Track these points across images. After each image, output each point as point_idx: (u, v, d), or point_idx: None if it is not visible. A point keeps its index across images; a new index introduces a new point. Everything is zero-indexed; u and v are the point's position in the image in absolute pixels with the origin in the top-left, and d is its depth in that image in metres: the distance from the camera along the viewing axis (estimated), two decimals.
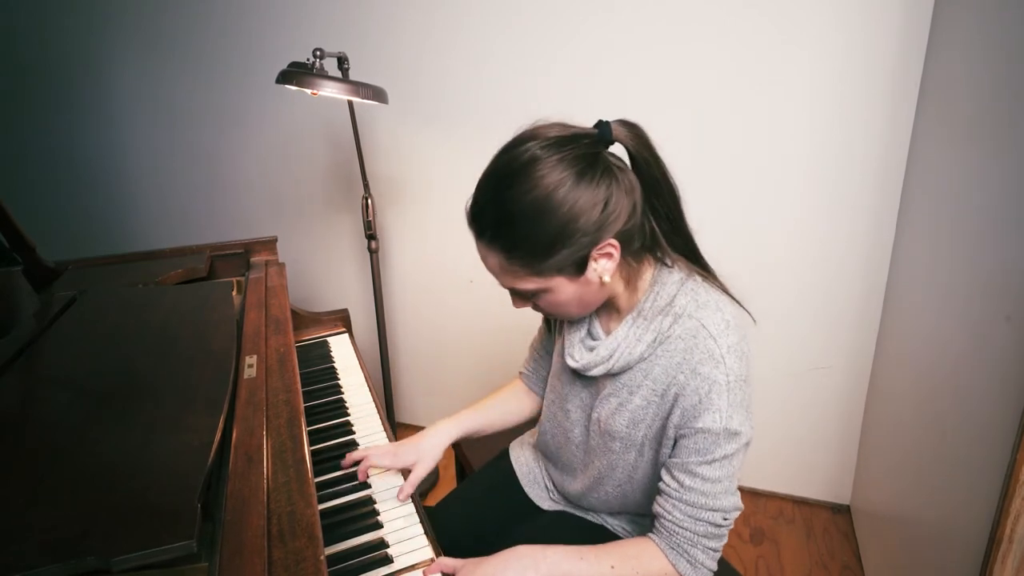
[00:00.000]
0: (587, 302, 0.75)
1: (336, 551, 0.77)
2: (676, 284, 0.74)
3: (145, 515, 0.52)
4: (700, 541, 0.72)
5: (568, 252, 0.67)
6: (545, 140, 0.67)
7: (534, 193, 0.65)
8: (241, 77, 2.05)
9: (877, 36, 1.36)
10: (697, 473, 0.71)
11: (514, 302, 0.78)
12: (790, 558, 1.59)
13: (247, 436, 0.73)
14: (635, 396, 0.77)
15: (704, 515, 0.72)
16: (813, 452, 1.75)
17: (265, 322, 1.08)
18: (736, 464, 0.72)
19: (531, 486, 1.03)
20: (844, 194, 1.50)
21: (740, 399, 0.71)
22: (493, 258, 0.71)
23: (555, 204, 0.65)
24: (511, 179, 0.67)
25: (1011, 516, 0.80)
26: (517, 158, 0.67)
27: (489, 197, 0.70)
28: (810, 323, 1.62)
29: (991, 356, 0.90)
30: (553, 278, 0.70)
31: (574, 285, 0.71)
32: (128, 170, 2.38)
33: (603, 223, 0.66)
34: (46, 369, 0.84)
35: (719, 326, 0.71)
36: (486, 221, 0.70)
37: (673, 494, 0.73)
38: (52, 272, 1.22)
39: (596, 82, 1.62)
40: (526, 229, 0.66)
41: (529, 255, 0.68)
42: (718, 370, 0.69)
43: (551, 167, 0.65)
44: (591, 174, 0.66)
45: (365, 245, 1.97)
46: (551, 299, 0.73)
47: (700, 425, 0.70)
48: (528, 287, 0.71)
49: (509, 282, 0.73)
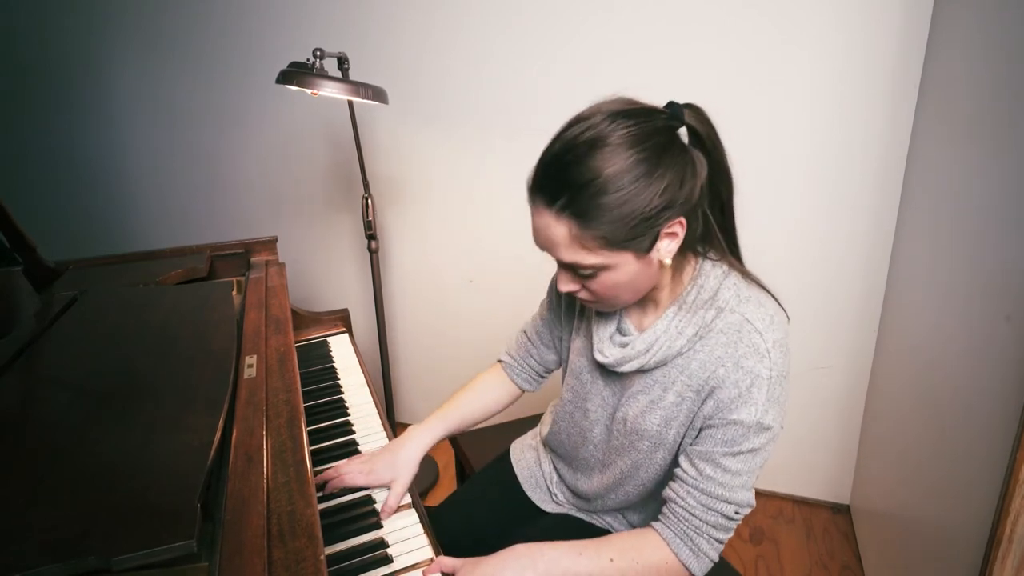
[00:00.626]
0: (638, 287, 0.72)
1: (336, 551, 0.77)
2: (719, 278, 0.74)
3: (145, 515, 0.52)
4: (708, 531, 0.72)
5: (644, 227, 0.64)
6: (625, 112, 0.65)
7: (614, 166, 0.62)
8: (241, 77, 2.05)
9: (877, 36, 1.36)
10: (720, 464, 0.70)
11: (562, 282, 0.72)
12: (790, 558, 1.59)
13: (247, 436, 0.73)
14: (669, 393, 0.76)
15: (718, 506, 0.71)
16: (813, 452, 1.75)
17: (265, 322, 1.08)
18: (760, 460, 0.71)
19: (533, 489, 1.02)
20: (844, 194, 1.50)
21: (779, 395, 0.70)
22: (561, 228, 0.65)
23: (636, 177, 0.62)
24: (588, 149, 0.63)
25: (1011, 516, 0.80)
26: (593, 128, 0.64)
27: (564, 166, 0.65)
28: (810, 323, 1.62)
29: (991, 356, 0.90)
30: (622, 254, 0.66)
31: (638, 264, 0.68)
32: (128, 170, 2.38)
33: (677, 200, 0.65)
34: (46, 369, 0.84)
35: (764, 321, 0.71)
36: (562, 188, 0.64)
37: (690, 481, 0.72)
38: (52, 272, 1.22)
39: (596, 82, 1.62)
40: (604, 199, 0.63)
41: (605, 225, 0.64)
42: (762, 364, 0.69)
43: (630, 140, 0.63)
44: (671, 151, 0.65)
45: (365, 245, 1.97)
46: (608, 279, 0.69)
47: (734, 417, 0.70)
48: (593, 262, 0.67)
49: (573, 256, 0.67)
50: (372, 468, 0.88)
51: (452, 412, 0.98)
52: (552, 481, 1.00)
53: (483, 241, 1.91)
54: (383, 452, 0.91)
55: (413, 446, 0.92)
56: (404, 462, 0.89)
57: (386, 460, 0.89)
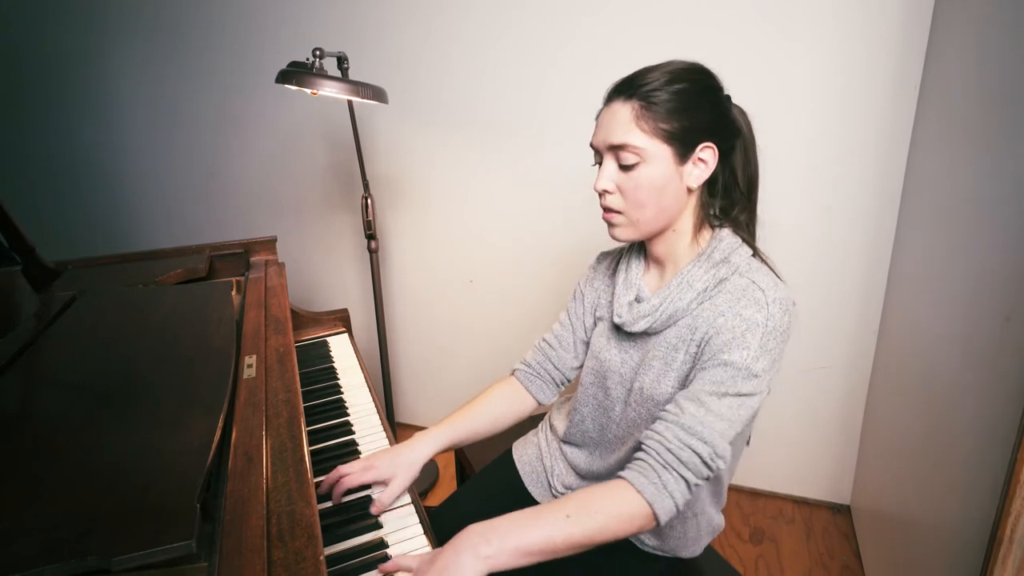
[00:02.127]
0: (663, 205, 0.79)
1: (336, 551, 0.77)
2: (732, 245, 0.80)
3: (145, 515, 0.52)
4: (677, 467, 0.70)
5: (690, 127, 0.75)
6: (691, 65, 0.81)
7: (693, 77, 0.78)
8: (241, 77, 2.05)
9: (877, 36, 1.36)
10: (704, 403, 0.72)
11: (602, 176, 0.80)
12: (790, 558, 1.59)
13: (246, 436, 0.73)
14: (679, 352, 0.79)
15: (693, 443, 0.70)
16: (813, 452, 1.75)
17: (265, 322, 1.08)
18: (744, 412, 0.73)
19: (534, 484, 1.03)
20: (844, 193, 1.50)
21: (772, 347, 0.73)
22: (626, 109, 0.76)
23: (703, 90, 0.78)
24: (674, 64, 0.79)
25: (1011, 516, 0.79)
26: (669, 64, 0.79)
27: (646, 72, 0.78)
28: (810, 323, 1.62)
29: (991, 356, 0.90)
30: (665, 146, 0.76)
31: (670, 169, 0.77)
32: (127, 170, 2.38)
33: (718, 128, 0.78)
34: (46, 369, 0.84)
35: (768, 282, 0.76)
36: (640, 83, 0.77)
37: (670, 418, 0.73)
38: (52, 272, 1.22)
39: (596, 82, 1.61)
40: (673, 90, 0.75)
41: (664, 111, 0.75)
42: (760, 313, 0.73)
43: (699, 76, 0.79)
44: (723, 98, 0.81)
45: (365, 245, 1.97)
46: (643, 174, 0.76)
47: (725, 357, 0.72)
48: (640, 143, 0.75)
49: (625, 135, 0.76)
50: (371, 464, 0.87)
51: (460, 422, 0.96)
52: (552, 474, 1.01)
53: (483, 241, 1.90)
54: (385, 451, 0.91)
55: (416, 451, 0.90)
56: (405, 464, 0.88)
57: (387, 458, 0.89)
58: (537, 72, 1.67)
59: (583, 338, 0.98)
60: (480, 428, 0.97)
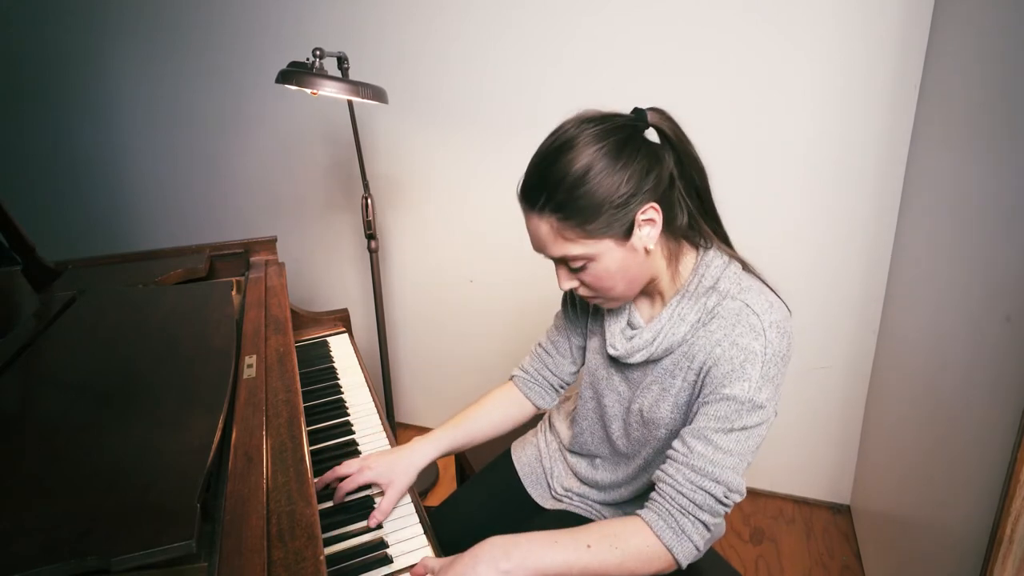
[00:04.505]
0: (632, 276, 0.76)
1: (336, 551, 0.77)
2: (720, 268, 0.77)
3: (145, 515, 0.52)
4: (694, 511, 0.70)
5: (615, 213, 0.70)
6: (588, 117, 0.74)
7: (583, 159, 0.69)
8: (241, 77, 2.05)
9: (877, 37, 1.36)
10: (711, 440, 0.70)
11: (561, 279, 0.78)
12: (790, 558, 1.59)
13: (247, 436, 0.73)
14: (676, 379, 0.78)
15: (706, 484, 0.69)
16: (813, 452, 1.74)
17: (265, 322, 1.08)
18: (753, 442, 0.71)
19: (533, 486, 1.03)
20: (845, 194, 1.50)
21: (773, 374, 0.71)
22: (545, 225, 0.73)
23: (603, 167, 0.69)
24: (560, 149, 0.71)
25: (1011, 516, 0.79)
26: (565, 133, 0.73)
27: (542, 167, 0.73)
28: (810, 323, 1.62)
29: (991, 356, 0.90)
30: (602, 240, 0.72)
31: (621, 251, 0.73)
32: (128, 170, 2.38)
33: (645, 188, 0.71)
34: (46, 369, 0.84)
35: (763, 305, 0.73)
36: (540, 189, 0.72)
37: (679, 459, 0.71)
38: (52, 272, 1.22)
39: (596, 82, 1.62)
40: (577, 191, 0.69)
41: (580, 215, 0.70)
42: (757, 341, 0.71)
43: (593, 138, 0.71)
44: (632, 144, 0.71)
45: (365, 245, 1.97)
46: (597, 269, 0.74)
47: (727, 392, 0.70)
48: (577, 252, 0.72)
49: (560, 249, 0.73)
50: (368, 464, 0.87)
51: (459, 428, 0.96)
52: (552, 476, 1.01)
53: (483, 241, 1.90)
54: (382, 453, 0.90)
55: (415, 455, 0.90)
56: (403, 468, 0.87)
57: (384, 461, 0.87)
58: (537, 72, 1.67)
59: (579, 344, 0.97)
60: (479, 434, 0.97)
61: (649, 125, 0.75)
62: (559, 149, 0.71)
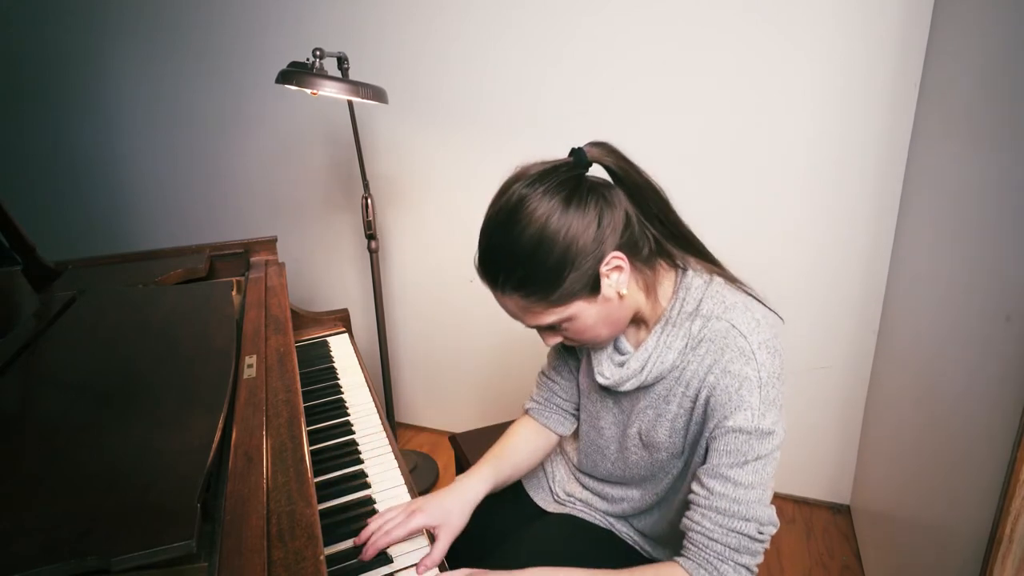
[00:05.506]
0: (614, 320, 0.74)
1: (336, 551, 0.77)
2: (700, 288, 0.75)
3: (145, 515, 0.52)
4: (732, 556, 0.68)
5: (577, 275, 0.68)
6: (528, 178, 0.70)
7: (530, 229, 0.67)
8: (241, 77, 2.05)
9: (877, 36, 1.36)
10: (729, 477, 0.68)
11: (544, 339, 0.77)
12: (790, 558, 1.59)
13: (247, 436, 0.73)
14: (671, 404, 0.76)
15: (737, 525, 0.67)
16: (813, 452, 1.74)
17: (265, 322, 1.08)
18: (770, 469, 0.69)
19: (535, 490, 1.02)
20: (845, 193, 1.50)
21: (773, 397, 0.69)
22: (510, 302, 0.71)
23: (552, 233, 0.66)
24: (506, 223, 0.68)
25: (1011, 516, 0.79)
26: (507, 202, 0.69)
27: (491, 245, 0.71)
28: (810, 323, 1.62)
29: (991, 356, 0.90)
30: (571, 304, 0.70)
31: (595, 306, 0.71)
32: (127, 170, 2.38)
33: (601, 239, 0.68)
34: (46, 369, 0.84)
35: (749, 324, 0.71)
36: (495, 268, 0.70)
37: (702, 503, 0.69)
38: (52, 272, 1.22)
39: (596, 82, 1.62)
40: (532, 264, 0.67)
41: (541, 288, 0.68)
42: (749, 366, 0.69)
43: (539, 200, 0.67)
44: (577, 197, 0.68)
45: (365, 245, 1.97)
46: (577, 326, 0.72)
47: (731, 424, 0.68)
48: (551, 320, 0.71)
49: (532, 320, 0.72)
50: (418, 507, 0.79)
51: (503, 461, 0.92)
52: (554, 480, 1.00)
53: None
54: (431, 496, 0.83)
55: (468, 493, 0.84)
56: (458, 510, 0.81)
57: (436, 502, 0.81)
58: (537, 72, 1.67)
59: (578, 365, 0.94)
60: (522, 465, 0.95)
61: (590, 164, 0.72)
62: (506, 221, 0.68)
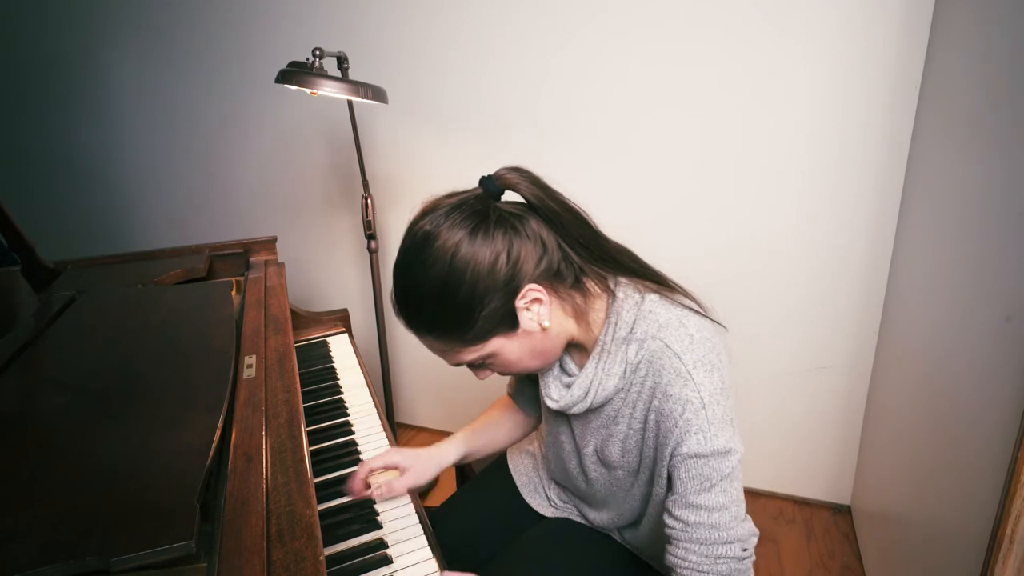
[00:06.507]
0: (541, 351, 0.72)
1: (336, 551, 0.77)
2: (632, 311, 0.71)
3: (144, 515, 0.52)
4: None
5: (489, 312, 0.66)
6: (434, 214, 0.68)
7: (435, 268, 0.64)
8: (240, 76, 2.05)
9: (878, 35, 1.36)
10: (699, 505, 0.66)
11: (476, 374, 0.76)
12: (790, 558, 1.58)
13: (246, 436, 0.73)
14: (620, 425, 0.75)
15: (721, 551, 0.66)
16: (813, 452, 1.74)
17: (264, 322, 1.08)
18: (737, 485, 0.68)
19: (531, 495, 1.02)
20: (845, 193, 1.49)
21: (720, 414, 0.66)
22: (428, 341, 0.70)
23: (457, 271, 0.64)
24: (413, 263, 0.67)
25: (1012, 516, 0.79)
26: (414, 240, 0.68)
27: (401, 286, 0.69)
28: (811, 322, 1.62)
29: (992, 356, 0.90)
30: (489, 342, 0.68)
31: (515, 340, 0.69)
32: (127, 170, 2.38)
33: (513, 273, 0.65)
34: (45, 369, 0.83)
35: (683, 342, 0.68)
36: (407, 310, 0.69)
37: (681, 535, 0.68)
38: (51, 272, 1.22)
39: (597, 82, 1.62)
40: (439, 305, 0.66)
41: (453, 329, 0.67)
42: (688, 388, 0.66)
43: (444, 236, 0.65)
44: (484, 229, 0.65)
45: (365, 245, 1.97)
46: (502, 360, 0.71)
47: (686, 451, 0.66)
48: (471, 358, 0.70)
49: (454, 359, 0.71)
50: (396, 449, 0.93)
51: (478, 432, 1.00)
52: (549, 487, 1.00)
53: None
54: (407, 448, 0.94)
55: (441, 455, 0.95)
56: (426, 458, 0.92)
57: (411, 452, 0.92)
58: (538, 71, 1.67)
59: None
60: (497, 439, 1.02)
61: (500, 192, 0.69)
62: (413, 262, 0.67)
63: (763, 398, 1.71)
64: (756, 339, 1.67)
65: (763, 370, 1.69)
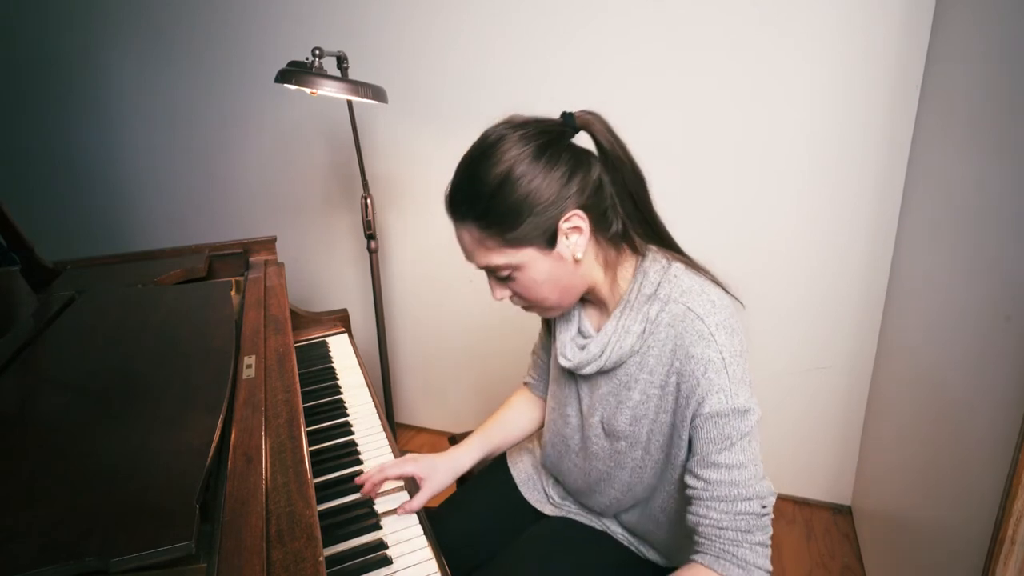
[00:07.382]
0: (564, 285, 0.74)
1: (335, 552, 0.76)
2: (659, 272, 0.75)
3: (144, 516, 0.52)
4: (745, 538, 0.68)
5: (535, 221, 0.69)
6: (511, 124, 0.72)
7: (499, 167, 0.68)
8: (240, 76, 2.05)
9: (878, 37, 1.36)
10: (720, 463, 0.69)
11: (493, 289, 0.77)
12: (791, 558, 1.58)
13: (246, 436, 0.73)
14: (633, 391, 0.76)
15: (742, 507, 0.68)
16: (814, 452, 1.74)
17: (264, 322, 1.08)
18: (756, 444, 0.70)
19: (530, 492, 1.02)
20: (846, 194, 1.49)
21: (740, 375, 0.69)
22: (467, 233, 0.72)
23: (519, 174, 0.68)
24: (479, 158, 0.70)
25: (1013, 517, 0.79)
26: (485, 140, 0.72)
27: (461, 177, 0.72)
28: (811, 323, 1.62)
29: (992, 356, 0.90)
30: (524, 249, 0.70)
31: (547, 261, 0.71)
32: (127, 170, 2.38)
33: (566, 194, 0.69)
34: (44, 369, 0.83)
35: (705, 306, 0.71)
36: (459, 199, 0.72)
37: (703, 494, 0.70)
38: (50, 272, 1.22)
39: (596, 82, 1.62)
40: (494, 201, 0.68)
41: (498, 223, 0.69)
42: (710, 348, 0.69)
43: (514, 143, 0.69)
44: (553, 149, 0.69)
45: (365, 245, 1.97)
46: (525, 278, 0.73)
47: (707, 410, 0.69)
48: (500, 262, 0.72)
49: (483, 258, 0.73)
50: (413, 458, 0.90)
51: (493, 432, 1.00)
52: (548, 485, 1.00)
53: None
54: (425, 454, 0.93)
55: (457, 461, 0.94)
56: (444, 469, 0.92)
57: (428, 458, 0.91)
58: (537, 71, 1.67)
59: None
60: (512, 436, 1.01)
61: (578, 130, 0.73)
62: (480, 157, 0.70)
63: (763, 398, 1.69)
64: (756, 339, 1.67)
65: (763, 370, 1.69)
